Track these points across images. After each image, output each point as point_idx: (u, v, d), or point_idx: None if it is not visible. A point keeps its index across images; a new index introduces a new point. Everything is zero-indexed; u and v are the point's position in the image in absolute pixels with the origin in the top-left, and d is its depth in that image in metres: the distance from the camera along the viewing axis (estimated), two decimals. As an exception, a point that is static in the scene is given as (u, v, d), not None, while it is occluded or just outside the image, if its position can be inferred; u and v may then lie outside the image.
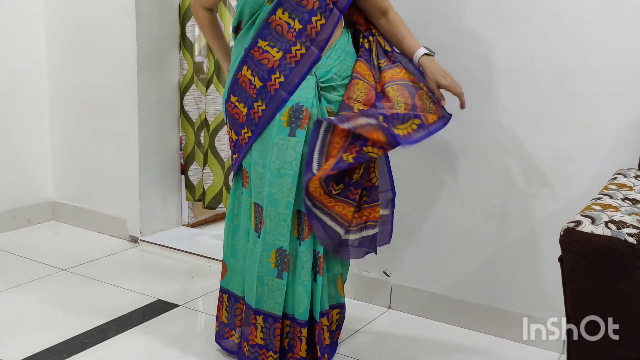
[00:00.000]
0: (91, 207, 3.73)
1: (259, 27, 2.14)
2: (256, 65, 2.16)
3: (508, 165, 2.56)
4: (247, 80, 2.18)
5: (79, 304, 2.83)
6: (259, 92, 2.16)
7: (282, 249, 2.17)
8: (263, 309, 2.22)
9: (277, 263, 2.18)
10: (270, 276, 2.19)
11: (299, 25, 2.11)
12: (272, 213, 2.15)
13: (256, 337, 2.24)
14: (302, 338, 2.23)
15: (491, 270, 2.65)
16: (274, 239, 2.16)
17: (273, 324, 2.22)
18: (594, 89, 2.37)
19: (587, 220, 1.63)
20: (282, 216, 2.14)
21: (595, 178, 2.32)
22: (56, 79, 3.74)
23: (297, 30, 2.11)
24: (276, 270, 2.18)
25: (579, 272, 1.62)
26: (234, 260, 2.35)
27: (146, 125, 3.52)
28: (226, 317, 2.41)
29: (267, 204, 2.15)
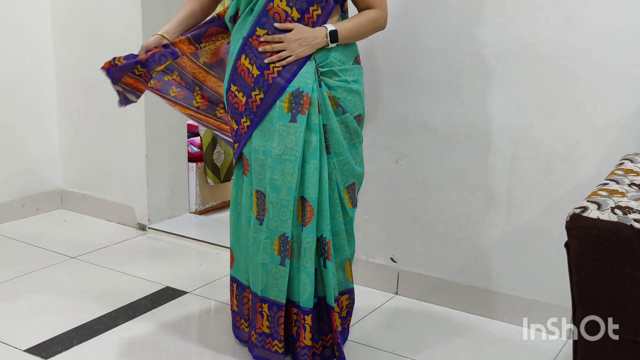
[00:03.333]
0: (99, 195, 3.75)
1: (257, 15, 2.12)
2: (254, 54, 2.15)
3: (514, 151, 2.56)
4: (246, 69, 2.17)
5: (88, 291, 2.85)
6: (257, 80, 2.15)
7: (285, 236, 2.15)
8: (268, 296, 2.22)
9: (280, 250, 2.17)
10: (274, 263, 2.18)
11: (297, 14, 2.11)
12: (274, 199, 2.14)
13: (262, 325, 2.25)
14: (307, 326, 2.21)
15: (498, 255, 2.65)
16: (277, 225, 2.15)
17: (277, 312, 2.21)
18: (600, 74, 2.36)
19: (594, 206, 1.63)
20: (285, 202, 2.13)
21: (602, 163, 2.32)
22: (63, 68, 3.75)
23: (296, 20, 2.11)
24: (279, 258, 2.17)
25: (585, 258, 1.63)
26: (239, 248, 2.35)
27: (153, 113, 3.52)
28: (236, 306, 2.43)
29: (270, 190, 2.14)
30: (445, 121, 2.67)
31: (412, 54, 2.69)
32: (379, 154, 2.82)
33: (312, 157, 2.13)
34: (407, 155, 2.77)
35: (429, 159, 2.73)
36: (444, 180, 2.71)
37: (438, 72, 2.65)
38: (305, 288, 2.19)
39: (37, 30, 3.68)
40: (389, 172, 2.82)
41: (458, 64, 2.60)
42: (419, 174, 2.77)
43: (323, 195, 2.16)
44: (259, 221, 2.21)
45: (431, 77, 2.66)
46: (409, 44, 2.69)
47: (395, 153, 2.79)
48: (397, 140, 2.78)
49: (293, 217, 2.15)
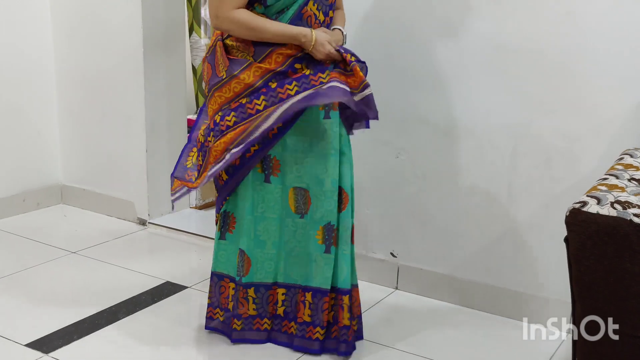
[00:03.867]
0: (100, 190, 3.75)
1: (291, 18, 2.20)
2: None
3: (514, 147, 2.56)
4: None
5: (89, 286, 2.86)
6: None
7: (330, 224, 2.29)
8: (311, 285, 2.32)
9: (325, 239, 2.30)
10: (318, 252, 2.30)
11: (322, 16, 2.26)
12: (318, 192, 2.28)
13: (304, 314, 2.34)
14: (345, 306, 2.32)
15: (498, 250, 2.66)
16: (322, 215, 2.28)
17: (321, 299, 2.31)
18: (600, 70, 2.36)
19: (593, 201, 1.63)
20: (330, 193, 2.27)
21: (602, 159, 2.33)
22: (63, 63, 3.74)
23: (322, 22, 2.26)
24: (324, 246, 2.30)
25: (585, 253, 1.63)
26: (261, 250, 2.35)
27: (153, 107, 3.52)
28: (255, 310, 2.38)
29: (313, 184, 2.28)
30: (445, 116, 2.67)
31: (412, 49, 2.69)
32: (379, 149, 2.82)
33: (346, 149, 2.32)
34: (407, 150, 2.77)
35: (429, 154, 2.73)
36: (444, 175, 2.72)
37: (438, 68, 2.65)
38: (342, 270, 2.32)
39: (37, 26, 3.68)
40: (389, 167, 2.82)
41: (458, 59, 2.60)
42: (419, 169, 2.77)
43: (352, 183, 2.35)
44: (299, 215, 2.31)
45: (431, 73, 2.66)
46: (409, 39, 2.68)
47: (395, 148, 2.79)
48: (397, 135, 2.78)
49: (336, 207, 2.29)
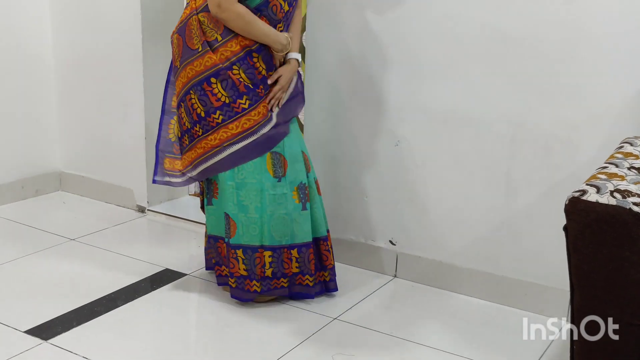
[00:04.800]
0: (98, 177, 3.75)
1: (258, 4, 2.41)
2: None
3: (513, 134, 2.55)
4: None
5: (88, 273, 2.86)
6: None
7: (302, 184, 2.54)
8: (296, 242, 2.55)
9: (300, 197, 2.53)
10: (297, 211, 2.53)
11: (287, 7, 2.48)
12: (291, 156, 2.52)
13: (292, 267, 2.57)
14: (329, 249, 2.64)
15: (496, 238, 2.66)
16: (294, 177, 2.53)
17: (307, 252, 2.56)
18: (600, 58, 2.35)
19: (592, 190, 1.63)
20: (299, 156, 2.55)
21: (602, 147, 2.32)
22: (61, 49, 3.73)
23: (285, 12, 2.48)
24: (300, 205, 2.54)
25: (584, 241, 1.63)
26: (245, 215, 2.50)
27: (152, 94, 3.51)
28: (245, 270, 2.53)
29: (287, 149, 2.52)
30: (444, 104, 2.67)
31: (411, 38, 2.68)
32: (379, 137, 2.82)
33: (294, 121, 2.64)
34: (406, 138, 2.77)
35: (428, 142, 2.73)
36: (443, 163, 2.71)
37: (437, 56, 2.64)
38: (320, 221, 2.62)
39: (35, 12, 3.66)
40: (388, 155, 2.81)
41: (457, 47, 2.60)
42: (418, 157, 2.76)
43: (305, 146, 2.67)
44: (277, 179, 2.51)
45: (430, 61, 2.66)
46: (408, 27, 2.68)
47: (394, 136, 2.79)
48: (396, 124, 2.78)
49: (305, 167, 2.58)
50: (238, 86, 2.42)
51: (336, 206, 2.97)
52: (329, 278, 2.65)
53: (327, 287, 2.66)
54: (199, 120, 2.47)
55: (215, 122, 2.45)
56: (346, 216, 2.97)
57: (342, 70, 2.85)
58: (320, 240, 2.63)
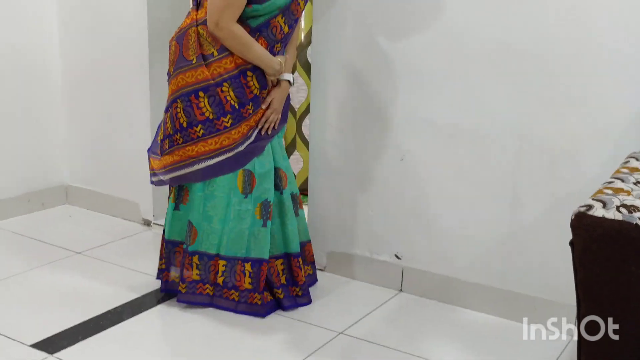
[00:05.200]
0: (104, 191, 3.75)
1: (258, 25, 2.46)
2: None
3: (519, 148, 2.55)
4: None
5: (94, 286, 2.86)
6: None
7: (266, 201, 2.60)
8: (250, 256, 2.60)
9: (262, 214, 2.59)
10: (257, 226, 2.60)
11: (287, 29, 2.53)
12: (261, 174, 2.57)
13: (245, 282, 2.60)
14: (300, 267, 2.69)
15: (502, 252, 2.65)
16: (260, 194, 2.58)
17: (259, 268, 2.60)
18: (606, 71, 2.35)
19: (599, 204, 1.63)
20: (268, 174, 2.60)
21: (607, 161, 2.32)
22: (68, 62, 3.75)
23: (285, 33, 2.53)
24: (261, 221, 2.60)
25: (590, 257, 1.63)
26: (208, 224, 2.58)
27: (158, 109, 3.52)
28: (198, 275, 2.62)
29: (257, 167, 2.57)
30: (449, 118, 2.67)
31: (416, 51, 2.69)
32: (384, 151, 2.82)
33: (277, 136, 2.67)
34: (411, 153, 2.77)
35: (433, 156, 2.73)
36: (449, 176, 2.71)
37: (443, 69, 2.65)
38: (294, 237, 2.69)
39: (42, 26, 3.68)
40: (394, 169, 2.82)
41: (463, 60, 2.60)
42: (423, 171, 2.76)
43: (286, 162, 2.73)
44: (244, 195, 2.57)
45: (436, 74, 2.66)
46: (413, 40, 2.68)
47: (400, 150, 2.79)
48: (402, 138, 2.78)
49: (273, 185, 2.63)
50: (224, 105, 2.46)
51: (341, 220, 2.96)
52: (300, 293, 2.71)
53: (297, 302, 2.70)
54: (181, 129, 2.51)
55: (196, 134, 2.49)
56: (352, 230, 2.96)
57: (347, 85, 2.86)
58: (291, 256, 2.69)
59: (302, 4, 2.55)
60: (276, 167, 2.65)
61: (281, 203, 2.67)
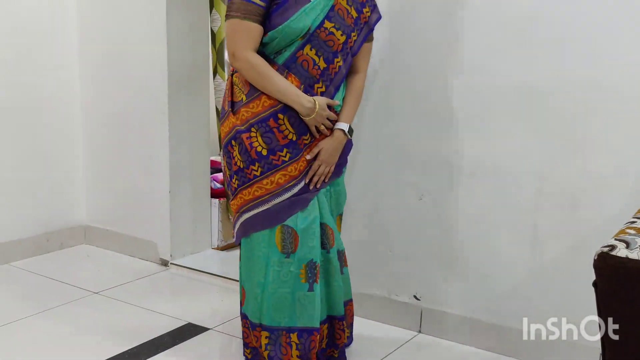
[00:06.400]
0: (123, 231, 3.77)
1: (286, 60, 2.22)
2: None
3: (539, 187, 2.53)
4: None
5: (110, 327, 2.85)
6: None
7: (312, 262, 2.29)
8: (297, 325, 2.30)
9: (308, 277, 2.29)
10: (302, 291, 2.29)
11: (323, 64, 2.24)
12: (303, 231, 2.28)
13: (292, 356, 2.31)
14: (343, 329, 2.48)
15: (523, 293, 2.61)
16: (304, 254, 2.29)
17: (308, 338, 2.30)
18: (626, 110, 2.34)
19: (622, 245, 1.61)
20: (312, 231, 2.30)
21: (629, 200, 2.30)
22: (89, 104, 3.80)
23: (322, 69, 2.24)
24: (307, 285, 2.29)
25: (614, 297, 1.60)
26: (251, 286, 2.36)
27: (177, 149, 3.56)
28: (247, 337, 2.43)
29: (299, 223, 2.28)
30: (469, 157, 2.66)
31: (436, 91, 2.69)
32: (403, 190, 2.81)
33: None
34: (430, 192, 2.76)
35: (452, 196, 2.72)
36: (468, 216, 2.70)
37: (462, 109, 2.65)
38: (337, 301, 2.44)
39: (64, 67, 3.75)
40: (413, 209, 2.80)
41: (482, 100, 2.60)
42: (442, 210, 2.75)
43: (333, 216, 2.47)
44: (285, 254, 2.28)
45: (455, 114, 2.66)
46: (432, 80, 2.69)
47: (418, 189, 2.78)
48: (420, 177, 2.78)
49: (319, 243, 2.33)
50: (249, 152, 2.25)
51: (360, 261, 2.94)
52: (337, 354, 2.50)
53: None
54: (227, 183, 2.40)
55: (234, 187, 2.34)
56: (370, 271, 2.94)
57: (366, 123, 2.87)
58: (335, 319, 2.47)
59: (336, 34, 2.24)
60: (322, 223, 2.36)
61: (328, 262, 2.38)
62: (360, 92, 2.41)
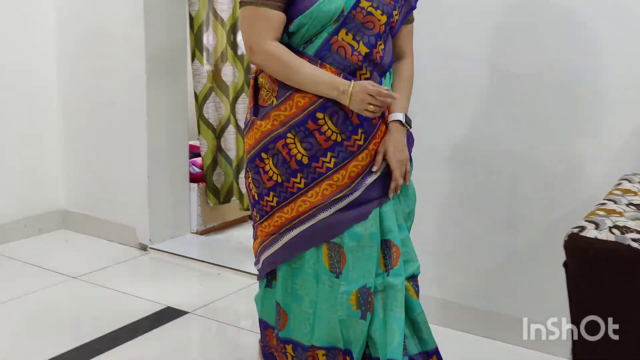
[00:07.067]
0: (101, 216, 3.76)
1: (318, 49, 1.87)
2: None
3: (514, 172, 2.57)
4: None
5: (89, 311, 2.86)
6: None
7: (365, 287, 1.91)
8: (351, 349, 1.96)
9: (360, 304, 1.91)
10: (354, 318, 1.93)
11: (364, 48, 1.89)
12: (354, 249, 1.92)
13: None
14: None
15: (499, 276, 2.65)
16: (357, 277, 1.91)
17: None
18: (599, 96, 2.38)
19: (591, 226, 1.64)
20: (372, 250, 1.93)
21: (601, 184, 2.33)
22: (67, 90, 3.78)
23: (364, 55, 1.89)
24: (359, 312, 1.92)
25: (584, 278, 1.63)
26: (298, 306, 2.01)
27: (155, 134, 3.55)
28: None
29: (348, 239, 1.92)
30: (446, 143, 2.68)
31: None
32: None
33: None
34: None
35: (430, 181, 2.74)
36: (444, 201, 2.72)
37: (439, 94, 2.67)
38: (392, 338, 1.94)
39: (41, 52, 3.72)
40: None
41: (459, 86, 2.62)
42: (420, 195, 2.76)
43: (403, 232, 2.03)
44: (334, 274, 1.93)
45: (432, 99, 2.68)
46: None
47: (395, 173, 2.80)
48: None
49: (377, 265, 1.94)
50: (289, 162, 1.90)
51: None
52: None
53: None
54: (254, 203, 2.02)
55: (269, 205, 1.97)
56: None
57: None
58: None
59: (376, 14, 1.89)
60: (384, 240, 1.96)
61: (386, 290, 1.94)
62: (411, 79, 2.09)
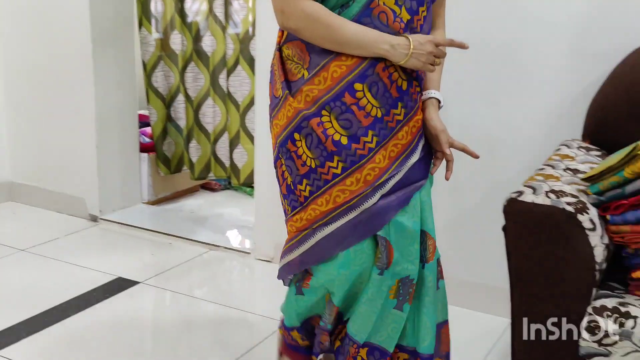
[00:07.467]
0: (49, 187, 3.71)
1: (356, 14, 1.62)
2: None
3: (457, 138, 2.59)
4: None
5: (38, 283, 2.84)
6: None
7: (408, 278, 1.75)
8: (371, 341, 1.79)
9: (398, 293, 1.75)
10: (388, 307, 1.77)
11: (407, 15, 1.66)
12: (399, 240, 1.73)
13: None
14: None
15: (441, 241, 2.70)
16: (401, 268, 1.74)
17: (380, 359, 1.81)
18: (540, 63, 2.43)
19: (529, 190, 1.69)
20: (412, 240, 1.75)
21: (542, 149, 2.39)
22: (9, 57, 3.69)
23: (406, 22, 1.66)
24: (395, 301, 1.76)
25: (522, 241, 1.69)
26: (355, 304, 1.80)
27: (103, 102, 3.50)
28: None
29: (393, 231, 1.72)
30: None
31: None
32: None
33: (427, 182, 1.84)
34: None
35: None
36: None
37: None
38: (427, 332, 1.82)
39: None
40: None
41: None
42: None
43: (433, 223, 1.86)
44: (380, 270, 1.72)
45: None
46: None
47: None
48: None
49: (418, 256, 1.77)
50: (324, 142, 1.64)
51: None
52: None
53: None
54: (287, 194, 1.75)
55: (302, 195, 1.71)
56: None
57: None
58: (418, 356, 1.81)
59: None
60: (422, 231, 1.79)
61: (421, 280, 1.79)
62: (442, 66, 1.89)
